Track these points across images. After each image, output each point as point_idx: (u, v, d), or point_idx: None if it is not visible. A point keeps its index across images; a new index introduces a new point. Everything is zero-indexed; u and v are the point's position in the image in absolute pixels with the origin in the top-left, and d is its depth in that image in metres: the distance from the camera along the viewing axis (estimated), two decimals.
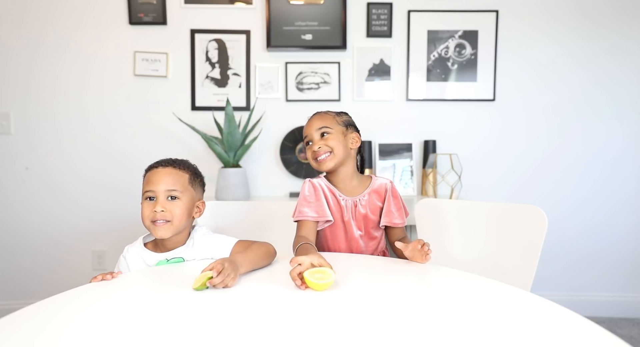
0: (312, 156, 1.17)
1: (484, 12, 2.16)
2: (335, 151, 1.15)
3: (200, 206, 1.06)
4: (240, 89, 2.19)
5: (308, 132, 1.19)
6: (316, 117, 1.20)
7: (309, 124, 1.20)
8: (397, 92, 2.22)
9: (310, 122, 1.20)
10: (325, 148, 1.15)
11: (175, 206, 0.98)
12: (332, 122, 1.18)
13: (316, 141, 1.16)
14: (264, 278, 0.86)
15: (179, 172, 1.01)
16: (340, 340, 0.56)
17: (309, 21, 2.14)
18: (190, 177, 1.03)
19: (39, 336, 0.57)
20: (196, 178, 1.06)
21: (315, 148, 1.15)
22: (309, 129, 1.19)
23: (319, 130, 1.16)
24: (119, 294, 0.75)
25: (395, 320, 0.63)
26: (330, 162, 1.15)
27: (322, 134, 1.16)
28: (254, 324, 0.62)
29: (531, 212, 1.09)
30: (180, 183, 1.00)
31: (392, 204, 1.20)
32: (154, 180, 0.99)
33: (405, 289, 0.78)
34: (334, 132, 1.17)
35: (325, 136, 1.16)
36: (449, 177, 2.08)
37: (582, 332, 0.58)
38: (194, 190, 1.03)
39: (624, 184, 2.21)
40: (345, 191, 1.20)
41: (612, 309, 2.22)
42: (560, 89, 2.19)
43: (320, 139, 1.16)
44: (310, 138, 1.18)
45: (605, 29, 2.15)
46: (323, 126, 1.17)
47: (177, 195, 0.99)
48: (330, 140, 1.15)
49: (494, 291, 0.76)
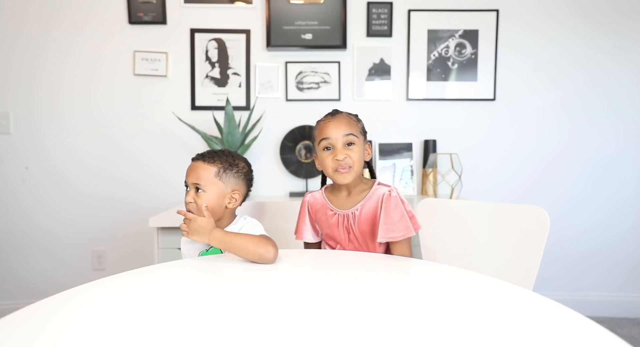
0: (332, 166, 1.02)
1: (484, 11, 2.16)
2: (356, 166, 1.03)
3: (236, 196, 1.09)
4: (240, 88, 2.19)
5: (331, 135, 1.02)
6: (343, 119, 1.04)
7: (333, 124, 1.03)
8: (397, 91, 2.22)
9: (336, 123, 1.03)
10: (348, 161, 1.01)
11: (199, 198, 1.04)
12: (357, 130, 1.04)
13: (340, 150, 1.01)
14: (264, 276, 0.86)
15: (206, 166, 1.06)
16: (340, 339, 0.56)
17: (309, 21, 2.14)
18: (218, 170, 1.06)
19: (39, 336, 0.57)
20: (228, 170, 1.08)
21: (339, 157, 1.01)
22: (334, 131, 1.02)
23: (347, 137, 1.01)
24: (119, 294, 0.75)
25: (395, 318, 0.63)
26: (350, 176, 1.03)
27: (349, 143, 1.02)
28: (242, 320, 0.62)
29: (533, 213, 1.09)
30: (205, 177, 1.04)
31: (388, 216, 1.03)
32: (187, 172, 1.07)
33: (406, 287, 0.77)
34: (358, 142, 1.03)
35: (351, 147, 1.02)
36: (449, 177, 2.08)
37: (582, 332, 0.58)
38: (222, 182, 1.06)
39: (624, 184, 2.21)
40: (342, 204, 1.10)
41: (613, 309, 2.22)
42: (560, 89, 2.19)
43: (345, 148, 1.02)
44: (333, 143, 1.02)
45: (605, 29, 2.15)
46: (351, 133, 1.02)
47: (202, 188, 1.04)
48: (355, 152, 1.02)
49: (495, 289, 0.76)
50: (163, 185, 2.20)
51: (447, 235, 1.25)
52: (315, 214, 1.15)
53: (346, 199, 1.09)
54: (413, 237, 1.12)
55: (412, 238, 1.08)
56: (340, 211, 1.09)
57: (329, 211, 1.10)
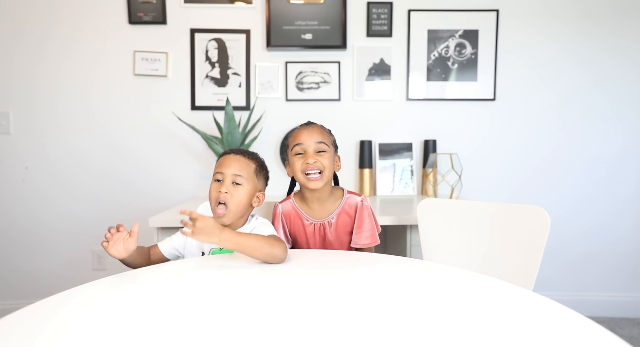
0: (302, 168, 1.11)
1: (484, 11, 2.16)
2: (326, 172, 1.11)
3: (261, 197, 1.12)
4: (240, 88, 2.19)
5: (304, 141, 1.11)
6: (315, 129, 1.14)
7: (307, 132, 1.12)
8: (397, 91, 2.22)
9: (310, 131, 1.13)
10: (318, 165, 1.10)
11: (237, 191, 1.04)
12: (328, 140, 1.14)
13: (311, 154, 1.10)
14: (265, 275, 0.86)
15: (248, 161, 1.08)
16: (340, 339, 0.56)
17: (309, 21, 2.14)
18: (256, 168, 1.09)
19: (39, 336, 0.57)
20: (261, 170, 1.12)
21: (310, 161, 1.09)
22: (307, 138, 1.11)
23: (318, 144, 1.11)
24: (119, 294, 0.75)
25: (395, 318, 0.63)
26: (320, 182, 1.10)
27: (319, 150, 1.11)
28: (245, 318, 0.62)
29: (534, 213, 1.09)
30: (246, 171, 1.06)
31: (362, 224, 1.15)
32: (225, 164, 1.06)
33: (405, 287, 0.77)
34: (329, 151, 1.12)
35: (322, 153, 1.11)
36: (449, 177, 2.08)
37: (582, 332, 0.58)
38: (257, 180, 1.09)
39: (624, 184, 2.21)
40: (315, 213, 1.17)
41: (613, 309, 2.22)
42: (560, 89, 2.19)
43: (316, 154, 1.10)
44: (305, 148, 1.11)
45: (605, 28, 2.15)
46: (322, 141, 1.11)
47: (241, 181, 1.05)
48: (325, 159, 1.11)
49: (495, 289, 0.76)
50: (163, 185, 2.20)
51: (447, 235, 1.25)
52: (289, 224, 1.20)
53: (319, 209, 1.17)
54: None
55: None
56: (316, 220, 1.16)
57: (305, 221, 1.17)
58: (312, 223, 1.16)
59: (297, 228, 1.19)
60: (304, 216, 1.17)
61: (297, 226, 1.18)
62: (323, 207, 1.17)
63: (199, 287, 0.79)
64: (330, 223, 1.15)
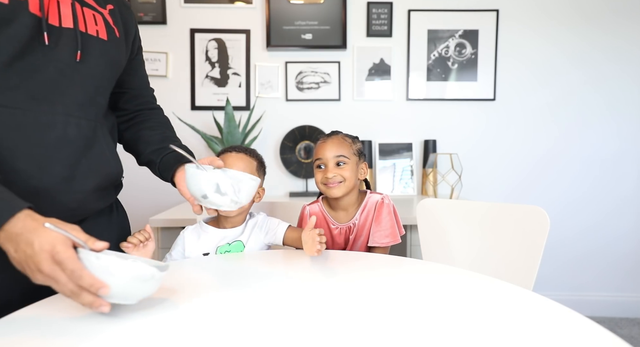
0: (322, 181, 1.13)
1: (484, 11, 2.16)
2: (347, 182, 1.12)
3: (261, 192, 1.14)
4: (240, 88, 2.19)
5: (323, 156, 1.13)
6: (334, 142, 1.14)
7: (325, 147, 1.14)
8: (397, 91, 2.22)
9: (327, 145, 1.14)
10: (338, 178, 1.11)
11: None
12: (349, 151, 1.14)
13: (330, 168, 1.12)
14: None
15: (250, 159, 1.09)
16: (340, 339, 0.56)
17: (309, 21, 2.14)
18: (257, 165, 1.11)
19: (39, 336, 0.57)
20: (261, 167, 1.14)
21: (329, 175, 1.11)
22: (325, 153, 1.13)
23: (336, 158, 1.12)
24: None
25: (395, 318, 0.63)
26: (340, 190, 1.12)
27: (338, 163, 1.12)
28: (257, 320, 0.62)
29: (533, 213, 1.09)
30: (250, 169, 1.07)
31: (380, 222, 1.15)
32: (229, 163, 1.06)
33: (406, 287, 0.77)
34: (349, 162, 1.13)
35: (341, 166, 1.12)
36: (449, 177, 2.08)
37: (582, 332, 0.58)
38: (259, 177, 1.10)
39: (621, 182, 2.21)
40: (341, 218, 1.19)
41: (613, 309, 2.22)
42: (560, 89, 2.19)
43: (335, 167, 1.12)
44: (324, 163, 1.13)
45: (604, 29, 2.16)
46: (341, 155, 1.12)
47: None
48: (345, 170, 1.12)
49: (495, 289, 0.76)
50: (163, 185, 2.19)
51: (447, 235, 1.25)
52: (316, 226, 1.18)
53: (344, 214, 1.19)
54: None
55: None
56: (342, 224, 1.18)
57: (331, 224, 1.18)
58: (337, 227, 1.18)
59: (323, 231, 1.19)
60: (330, 219, 1.19)
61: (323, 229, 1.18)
62: (348, 212, 1.19)
63: (199, 288, 0.79)
64: (355, 224, 1.17)
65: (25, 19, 0.69)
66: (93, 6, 0.81)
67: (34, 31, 0.70)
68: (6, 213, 0.56)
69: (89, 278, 0.55)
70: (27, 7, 0.69)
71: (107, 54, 0.82)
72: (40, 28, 0.71)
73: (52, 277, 0.55)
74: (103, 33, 0.81)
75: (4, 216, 0.56)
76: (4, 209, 0.56)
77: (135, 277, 0.58)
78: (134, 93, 1.03)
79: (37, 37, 0.71)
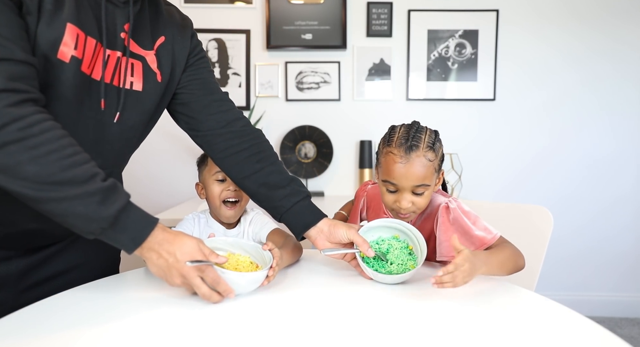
0: (393, 207, 0.90)
1: (484, 11, 2.16)
2: (422, 209, 0.91)
3: None
4: (240, 88, 2.19)
5: (399, 182, 0.86)
6: (417, 166, 0.86)
7: (404, 171, 0.86)
8: (397, 91, 2.22)
9: (409, 169, 0.86)
10: (413, 209, 0.88)
11: None
12: (432, 175, 0.88)
13: (406, 197, 0.87)
14: None
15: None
16: (341, 339, 0.56)
17: (308, 21, 2.14)
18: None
19: (39, 336, 0.57)
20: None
21: (403, 205, 0.87)
22: (402, 181, 0.86)
23: (415, 188, 0.86)
24: (119, 294, 0.75)
25: (396, 318, 0.63)
26: (412, 217, 0.93)
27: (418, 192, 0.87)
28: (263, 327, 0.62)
29: (537, 213, 1.09)
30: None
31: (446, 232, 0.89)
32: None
33: (406, 287, 0.77)
34: (430, 188, 0.89)
35: (420, 194, 0.88)
36: (449, 177, 2.08)
37: (582, 332, 0.58)
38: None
39: (619, 181, 2.21)
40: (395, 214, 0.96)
41: (613, 309, 2.22)
42: (560, 88, 2.19)
43: (411, 195, 0.87)
44: (399, 188, 0.87)
45: (600, 30, 2.16)
46: (423, 184, 0.86)
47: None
48: (424, 198, 0.88)
49: (496, 290, 0.76)
50: (163, 185, 2.20)
51: None
52: (369, 207, 1.07)
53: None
54: None
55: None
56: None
57: (384, 213, 1.00)
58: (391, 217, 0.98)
59: (374, 215, 1.03)
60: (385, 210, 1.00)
61: (375, 214, 1.03)
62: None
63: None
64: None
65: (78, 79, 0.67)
66: (137, 53, 0.77)
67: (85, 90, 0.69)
68: (147, 229, 0.65)
69: (224, 285, 0.68)
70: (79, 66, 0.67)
71: (139, 106, 0.79)
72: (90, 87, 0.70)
73: (192, 281, 0.66)
74: (138, 83, 0.77)
75: (146, 231, 0.65)
76: (146, 225, 0.66)
77: (249, 281, 0.73)
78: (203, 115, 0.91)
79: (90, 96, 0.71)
